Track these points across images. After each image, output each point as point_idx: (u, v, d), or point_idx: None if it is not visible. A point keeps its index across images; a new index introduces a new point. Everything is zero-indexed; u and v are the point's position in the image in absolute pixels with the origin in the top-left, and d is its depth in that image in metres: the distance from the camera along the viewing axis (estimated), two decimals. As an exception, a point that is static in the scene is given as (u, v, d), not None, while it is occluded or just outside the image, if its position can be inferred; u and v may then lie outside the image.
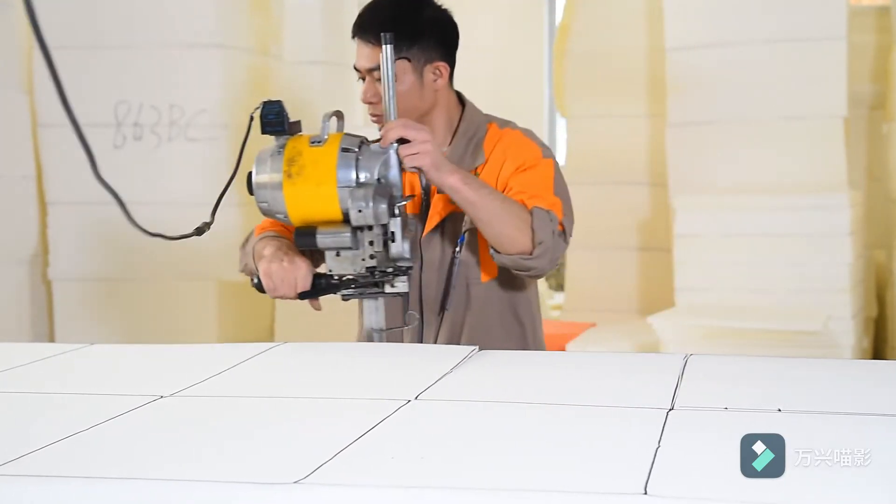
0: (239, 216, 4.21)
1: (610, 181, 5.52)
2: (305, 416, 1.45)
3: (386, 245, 1.83)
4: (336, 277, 1.87)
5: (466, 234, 1.98)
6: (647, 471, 1.16)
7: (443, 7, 2.06)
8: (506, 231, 1.85)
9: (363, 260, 1.85)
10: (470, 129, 2.03)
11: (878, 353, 5.28)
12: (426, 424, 1.41)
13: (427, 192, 2.00)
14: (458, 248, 1.99)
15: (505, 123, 2.08)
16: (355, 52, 2.01)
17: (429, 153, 1.80)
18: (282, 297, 1.91)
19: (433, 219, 2.00)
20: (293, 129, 1.84)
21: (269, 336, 4.75)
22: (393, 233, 1.82)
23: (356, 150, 1.81)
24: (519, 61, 8.18)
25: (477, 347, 1.78)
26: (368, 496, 1.12)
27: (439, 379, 1.66)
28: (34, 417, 1.47)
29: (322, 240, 1.83)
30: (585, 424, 1.38)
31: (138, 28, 4.37)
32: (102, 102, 4.41)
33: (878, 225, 5.30)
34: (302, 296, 1.90)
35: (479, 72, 8.43)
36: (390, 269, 1.84)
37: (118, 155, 4.41)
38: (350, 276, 1.86)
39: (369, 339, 1.94)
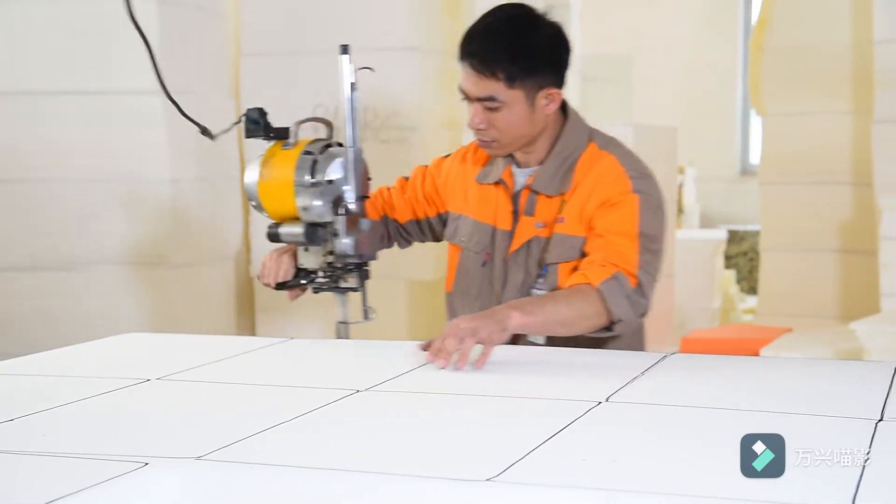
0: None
1: (809, 181, 5.29)
2: (499, 414, 1.47)
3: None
4: (308, 272, 2.05)
5: (549, 267, 1.92)
6: (855, 484, 1.11)
7: (556, 24, 1.93)
8: (582, 326, 1.78)
9: (323, 256, 2.02)
10: (566, 149, 1.94)
11: None
12: (617, 427, 1.40)
13: (516, 213, 1.96)
14: (539, 278, 1.93)
15: (606, 143, 1.96)
16: (461, 72, 1.90)
17: (492, 333, 1.69)
18: (266, 285, 2.11)
19: (518, 239, 1.96)
20: (279, 133, 2.00)
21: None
22: (337, 230, 1.96)
23: (316, 153, 1.95)
24: (713, 58, 7.96)
25: (669, 353, 1.74)
26: (559, 497, 1.12)
27: (630, 381, 1.64)
28: (241, 407, 1.55)
29: (283, 235, 2.03)
30: (786, 433, 1.33)
31: (335, 33, 4.52)
32: (302, 106, 4.58)
33: None
34: (278, 286, 2.10)
35: (671, 69, 8.28)
36: (344, 265, 2.00)
37: (316, 157, 4.58)
38: (312, 270, 2.04)
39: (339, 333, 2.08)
